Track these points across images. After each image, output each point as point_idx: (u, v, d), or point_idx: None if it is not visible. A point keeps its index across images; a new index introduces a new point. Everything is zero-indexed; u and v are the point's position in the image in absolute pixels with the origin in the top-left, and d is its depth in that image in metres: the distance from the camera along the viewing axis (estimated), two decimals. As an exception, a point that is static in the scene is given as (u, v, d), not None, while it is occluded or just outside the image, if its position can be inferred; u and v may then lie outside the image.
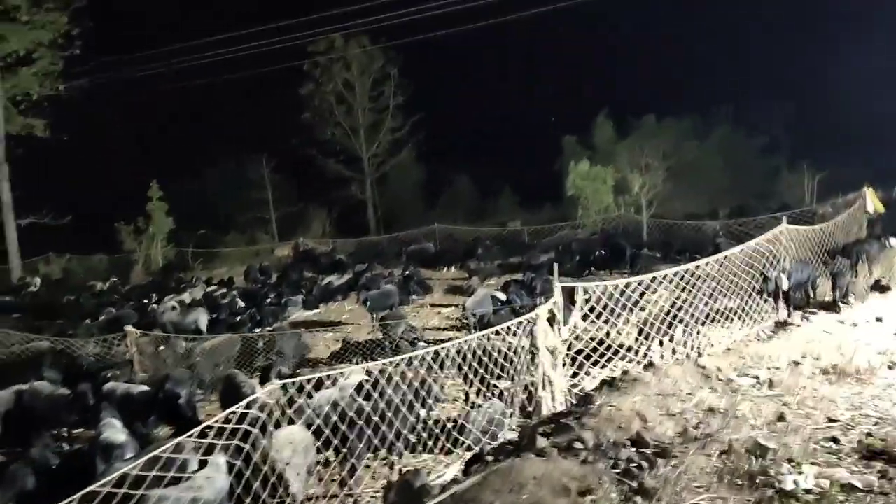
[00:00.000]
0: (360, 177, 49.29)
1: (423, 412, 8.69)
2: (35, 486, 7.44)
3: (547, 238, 27.74)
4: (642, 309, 11.97)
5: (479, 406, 9.51)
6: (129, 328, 12.69)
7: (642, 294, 11.64)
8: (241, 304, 20.07)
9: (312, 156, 47.12)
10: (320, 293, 20.78)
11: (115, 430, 8.35)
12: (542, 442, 5.51)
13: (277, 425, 7.80)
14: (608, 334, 10.69)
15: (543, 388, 9.61)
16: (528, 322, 9.45)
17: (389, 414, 7.92)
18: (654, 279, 10.84)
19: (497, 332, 9.36)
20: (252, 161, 45.00)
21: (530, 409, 9.77)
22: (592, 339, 10.71)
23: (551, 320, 9.71)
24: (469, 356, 9.26)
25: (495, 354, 9.42)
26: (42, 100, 32.50)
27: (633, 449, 5.49)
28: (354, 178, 49.07)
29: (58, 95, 32.91)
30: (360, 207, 49.25)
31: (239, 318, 17.18)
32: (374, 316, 16.60)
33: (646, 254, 21.12)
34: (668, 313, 11.86)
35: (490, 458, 5.65)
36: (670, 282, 11.14)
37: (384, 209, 50.59)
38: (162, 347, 13.01)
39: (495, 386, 9.68)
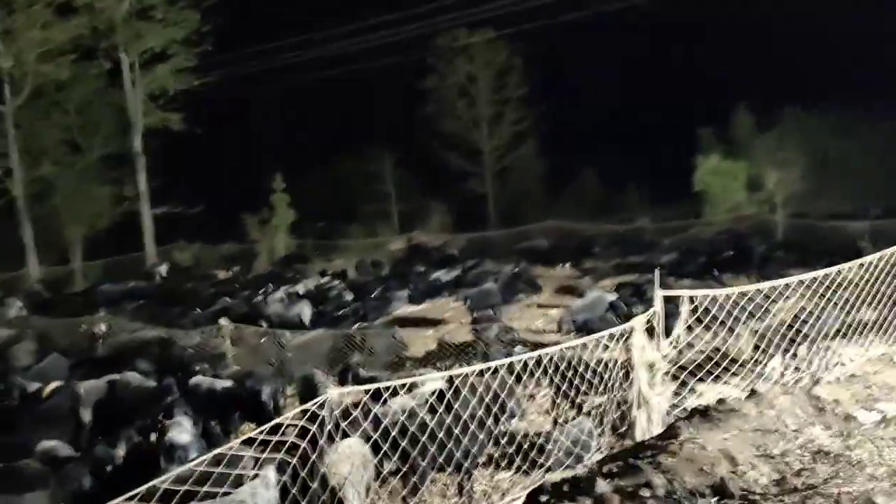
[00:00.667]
0: (481, 171, 48.84)
1: (497, 428, 7.99)
2: (92, 485, 7.31)
3: (672, 237, 26.16)
4: (761, 320, 10.72)
5: (565, 424, 8.69)
6: (223, 320, 12.66)
7: (763, 304, 10.38)
8: (349, 297, 19.98)
9: (434, 149, 47.10)
10: (426, 288, 20.38)
11: (181, 430, 8.16)
12: (602, 486, 4.68)
13: (345, 434, 7.34)
14: (718, 350, 9.55)
15: (639, 407, 8.67)
16: (624, 333, 8.52)
17: (456, 430, 7.27)
18: (775, 287, 9.58)
19: (585, 345, 8.47)
20: (375, 154, 45.50)
21: (623, 429, 8.86)
22: (703, 352, 9.61)
23: (651, 331, 8.74)
24: (550, 369, 8.41)
25: (581, 368, 8.55)
26: (177, 94, 33.85)
27: (715, 499, 4.58)
28: (475, 172, 48.69)
29: (192, 90, 34.20)
30: (480, 202, 48.78)
31: (342, 311, 17.02)
32: (475, 315, 15.99)
33: (779, 256, 19.35)
34: (790, 326, 10.57)
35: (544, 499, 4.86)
36: (795, 290, 9.81)
37: (504, 204, 49.82)
38: (263, 340, 12.92)
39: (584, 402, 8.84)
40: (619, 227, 28.79)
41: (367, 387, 7.51)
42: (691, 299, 9.07)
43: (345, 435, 7.05)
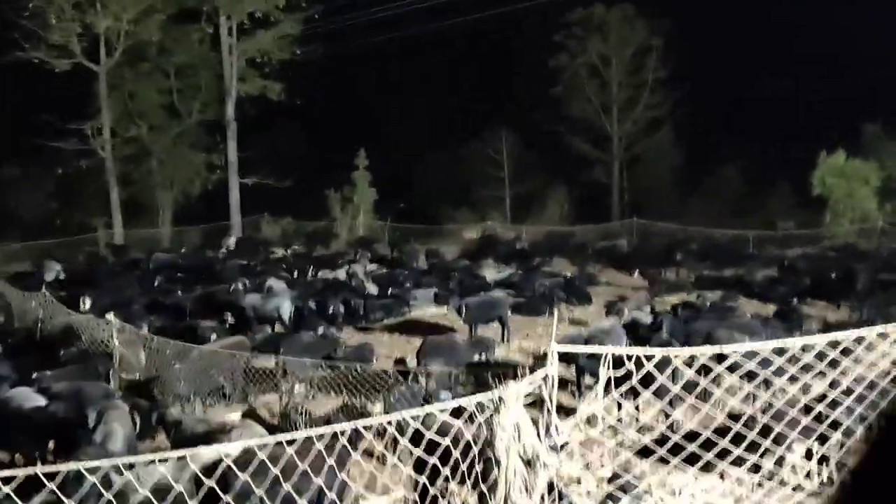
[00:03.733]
0: (607, 158, 45.15)
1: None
2: None
3: (780, 248, 21.95)
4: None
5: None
6: (109, 316, 10.77)
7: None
8: (373, 289, 17.83)
9: (557, 133, 43.90)
10: (462, 288, 17.82)
11: None
12: None
13: None
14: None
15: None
16: (490, 405, 5.69)
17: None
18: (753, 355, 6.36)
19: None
20: (494, 135, 43.01)
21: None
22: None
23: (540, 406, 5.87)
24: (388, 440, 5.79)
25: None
26: (278, 63, 32.94)
27: None
28: (601, 159, 45.07)
29: (293, 59, 33.19)
30: (604, 192, 45.13)
31: (332, 308, 14.82)
32: (473, 329, 13.33)
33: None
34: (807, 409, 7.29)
35: None
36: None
37: (631, 196, 45.84)
38: (153, 345, 10.66)
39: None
40: (719, 231, 24.59)
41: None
42: (616, 363, 6.06)
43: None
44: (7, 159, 35.80)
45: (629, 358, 5.77)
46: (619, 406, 7.37)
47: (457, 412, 5.62)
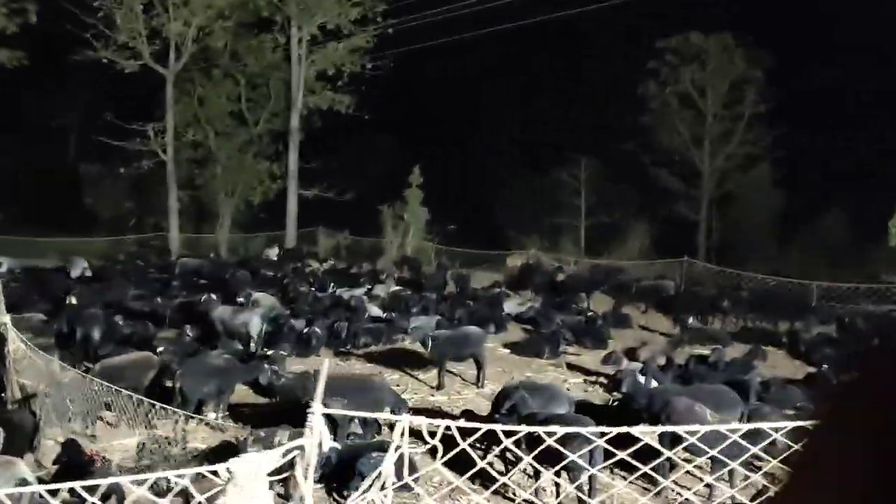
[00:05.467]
0: (696, 194, 42.46)
1: None
2: None
3: (848, 304, 19.29)
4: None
5: None
6: (5, 318, 9.70)
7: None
8: (377, 312, 16.63)
9: (644, 164, 41.72)
10: (472, 317, 16.38)
11: None
12: None
13: None
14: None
15: None
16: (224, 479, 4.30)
17: None
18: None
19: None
20: (571, 162, 41.30)
21: None
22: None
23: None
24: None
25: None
26: (348, 76, 32.57)
27: None
28: (688, 195, 42.44)
29: (364, 73, 32.75)
30: (690, 229, 42.40)
31: (307, 330, 13.63)
32: (442, 367, 11.86)
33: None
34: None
35: None
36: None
37: (721, 235, 42.98)
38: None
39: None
40: (788, 280, 21.92)
41: None
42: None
43: None
44: (86, 158, 37.02)
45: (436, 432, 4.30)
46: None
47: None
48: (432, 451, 4.53)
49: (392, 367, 12.98)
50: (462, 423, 4.24)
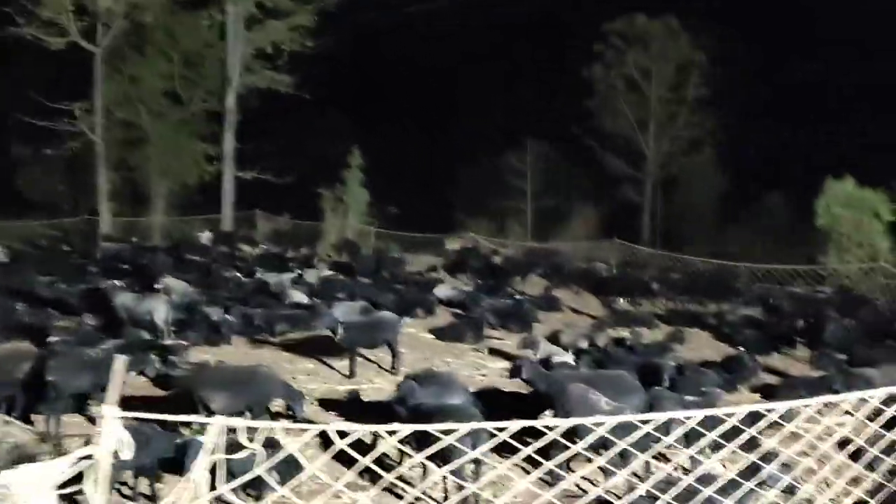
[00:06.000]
0: (641, 177, 42.65)
1: None
2: None
3: (774, 284, 19.43)
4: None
5: None
6: None
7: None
8: (301, 297, 16.14)
9: (588, 147, 41.72)
10: (400, 302, 16.05)
11: None
12: None
13: None
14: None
15: None
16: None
17: None
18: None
19: None
20: (517, 145, 41.11)
21: None
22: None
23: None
24: None
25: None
26: (288, 55, 31.75)
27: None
28: (633, 177, 42.62)
29: (304, 52, 31.95)
30: (634, 212, 42.64)
31: (216, 318, 13.10)
32: (353, 354, 11.49)
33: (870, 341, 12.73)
34: None
35: None
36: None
37: (666, 219, 43.27)
38: None
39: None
40: (718, 262, 22.07)
41: None
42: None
43: None
44: (16, 140, 35.59)
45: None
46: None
47: None
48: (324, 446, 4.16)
49: (307, 355, 12.56)
50: (287, 423, 3.86)
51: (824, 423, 4.60)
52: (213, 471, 3.79)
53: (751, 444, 4.27)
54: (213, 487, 3.91)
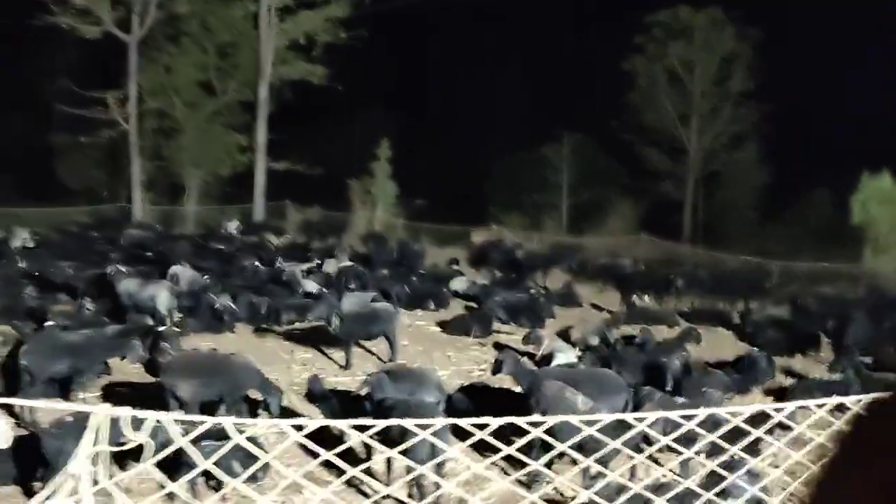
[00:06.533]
0: (682, 173, 41.61)
1: None
2: None
3: (805, 284, 18.57)
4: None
5: None
6: None
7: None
8: (312, 287, 15.97)
9: (629, 142, 40.91)
10: (413, 294, 15.78)
11: None
12: None
13: None
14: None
15: None
16: None
17: None
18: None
19: None
20: (556, 139, 40.43)
21: None
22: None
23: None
24: None
25: None
26: (323, 46, 31.67)
27: None
28: (674, 173, 41.61)
29: (338, 43, 31.82)
30: (674, 208, 41.64)
31: (216, 306, 12.95)
32: (349, 345, 11.23)
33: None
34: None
35: None
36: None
37: (707, 214, 42.25)
38: None
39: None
40: (751, 258, 21.21)
41: None
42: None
43: None
44: (56, 127, 36.19)
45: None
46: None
47: None
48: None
49: (308, 345, 12.36)
50: (179, 415, 3.59)
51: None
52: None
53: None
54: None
